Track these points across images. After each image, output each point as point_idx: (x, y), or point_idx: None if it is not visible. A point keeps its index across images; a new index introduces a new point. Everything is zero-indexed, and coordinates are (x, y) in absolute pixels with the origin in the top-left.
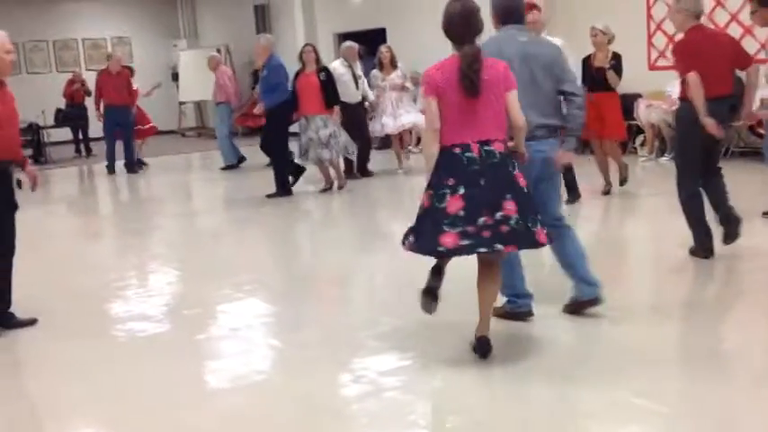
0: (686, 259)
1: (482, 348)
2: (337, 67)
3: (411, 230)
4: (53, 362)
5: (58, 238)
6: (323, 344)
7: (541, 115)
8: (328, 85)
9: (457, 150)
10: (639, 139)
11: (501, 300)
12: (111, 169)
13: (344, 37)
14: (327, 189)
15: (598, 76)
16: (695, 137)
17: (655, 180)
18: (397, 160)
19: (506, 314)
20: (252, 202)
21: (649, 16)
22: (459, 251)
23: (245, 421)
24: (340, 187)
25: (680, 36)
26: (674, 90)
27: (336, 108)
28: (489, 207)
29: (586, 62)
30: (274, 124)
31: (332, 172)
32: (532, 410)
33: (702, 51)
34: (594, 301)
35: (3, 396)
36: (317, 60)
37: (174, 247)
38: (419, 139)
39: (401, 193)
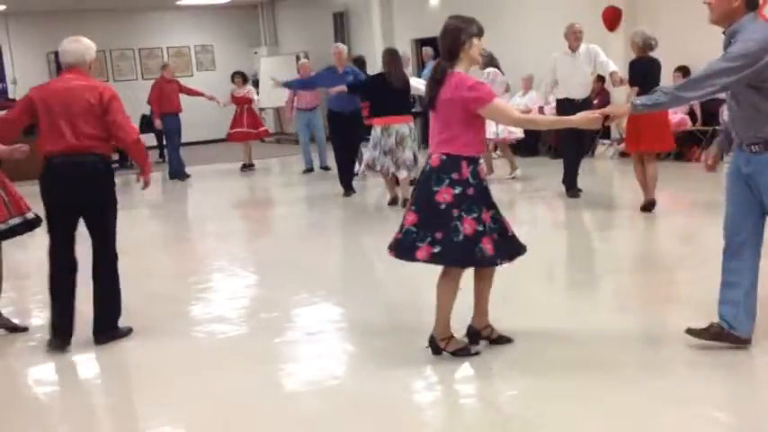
0: None
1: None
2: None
3: None
4: (136, 363)
5: (140, 241)
6: (398, 350)
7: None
8: None
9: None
10: None
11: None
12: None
13: (422, 43)
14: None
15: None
16: None
17: None
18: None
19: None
20: (329, 206)
21: None
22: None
23: (319, 425)
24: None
25: None
26: None
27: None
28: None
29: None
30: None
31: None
32: (612, 419)
33: None
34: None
35: (89, 396)
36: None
37: (252, 251)
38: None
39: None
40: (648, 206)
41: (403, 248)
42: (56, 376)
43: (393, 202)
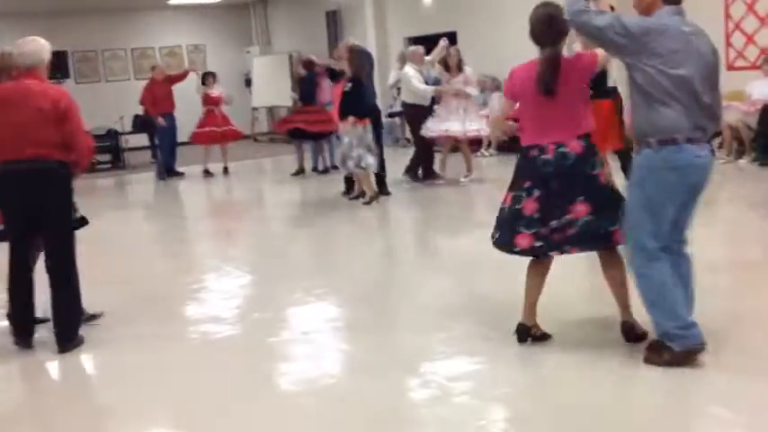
0: None
1: (626, 335)
2: (408, 71)
3: (495, 227)
4: (131, 363)
5: (134, 241)
6: (392, 348)
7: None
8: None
9: (533, 152)
10: (717, 140)
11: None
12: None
13: (416, 41)
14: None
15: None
16: None
17: (733, 184)
18: (466, 166)
19: (675, 358)
20: (323, 206)
21: (727, 15)
22: (532, 252)
23: (314, 424)
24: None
25: None
26: (754, 90)
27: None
28: (560, 210)
29: None
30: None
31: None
32: (597, 417)
33: None
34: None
35: (83, 396)
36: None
37: (246, 250)
38: (489, 143)
39: (469, 198)
40: None
41: (592, 239)
42: (52, 376)
43: (361, 197)
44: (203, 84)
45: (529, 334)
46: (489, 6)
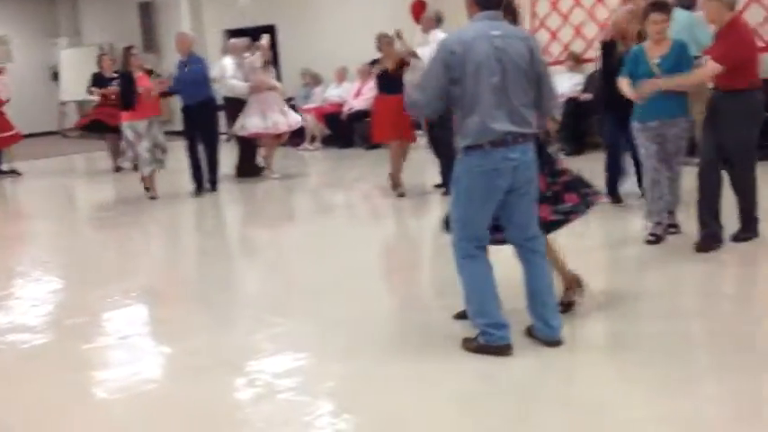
0: None
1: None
2: (225, 64)
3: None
4: None
5: None
6: (215, 348)
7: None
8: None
9: None
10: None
11: (474, 331)
12: None
13: (233, 34)
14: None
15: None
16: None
17: None
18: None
19: (481, 348)
20: (137, 205)
21: (533, 14)
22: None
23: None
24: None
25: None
26: (560, 85)
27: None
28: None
29: None
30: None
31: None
32: (435, 410)
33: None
34: (551, 344)
35: None
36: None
37: (56, 253)
38: (313, 138)
39: (293, 193)
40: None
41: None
42: None
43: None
44: None
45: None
46: (307, 1)
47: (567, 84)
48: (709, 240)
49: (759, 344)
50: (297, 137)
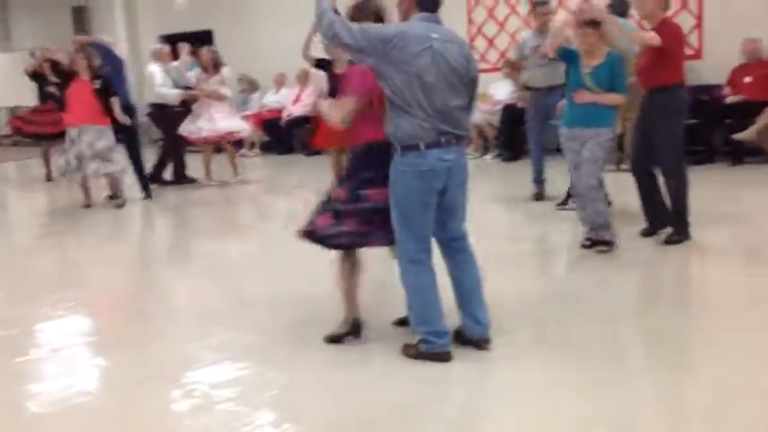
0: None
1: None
2: (153, 70)
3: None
4: None
5: None
6: (151, 360)
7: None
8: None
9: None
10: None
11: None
12: None
13: (169, 38)
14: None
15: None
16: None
17: (480, 179)
18: (205, 170)
19: (422, 355)
20: (71, 213)
21: (470, 21)
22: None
23: None
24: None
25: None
26: (496, 92)
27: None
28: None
29: None
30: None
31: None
32: (376, 417)
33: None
34: (481, 342)
35: None
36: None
37: None
38: (252, 144)
39: (231, 200)
40: None
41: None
42: None
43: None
44: None
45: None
46: (243, 5)
47: (503, 91)
48: (651, 229)
49: (690, 344)
50: (236, 144)
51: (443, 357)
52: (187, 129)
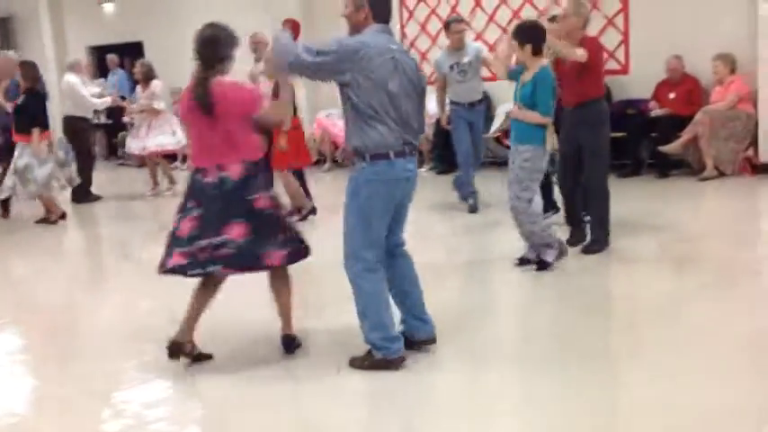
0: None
1: (288, 345)
2: (72, 80)
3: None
4: None
5: None
6: (82, 378)
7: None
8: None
9: (198, 175)
10: None
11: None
12: None
13: (98, 50)
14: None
15: None
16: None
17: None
18: (152, 181)
19: (376, 363)
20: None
21: (403, 35)
22: (179, 270)
23: None
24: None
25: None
26: (430, 105)
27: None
28: (214, 230)
29: None
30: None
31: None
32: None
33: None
34: (429, 342)
35: None
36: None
37: None
38: (185, 158)
39: (162, 213)
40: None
41: (242, 261)
42: None
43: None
44: None
45: (181, 351)
46: (173, 16)
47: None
48: (572, 240)
49: (610, 355)
50: (169, 157)
51: (398, 363)
52: (131, 146)
